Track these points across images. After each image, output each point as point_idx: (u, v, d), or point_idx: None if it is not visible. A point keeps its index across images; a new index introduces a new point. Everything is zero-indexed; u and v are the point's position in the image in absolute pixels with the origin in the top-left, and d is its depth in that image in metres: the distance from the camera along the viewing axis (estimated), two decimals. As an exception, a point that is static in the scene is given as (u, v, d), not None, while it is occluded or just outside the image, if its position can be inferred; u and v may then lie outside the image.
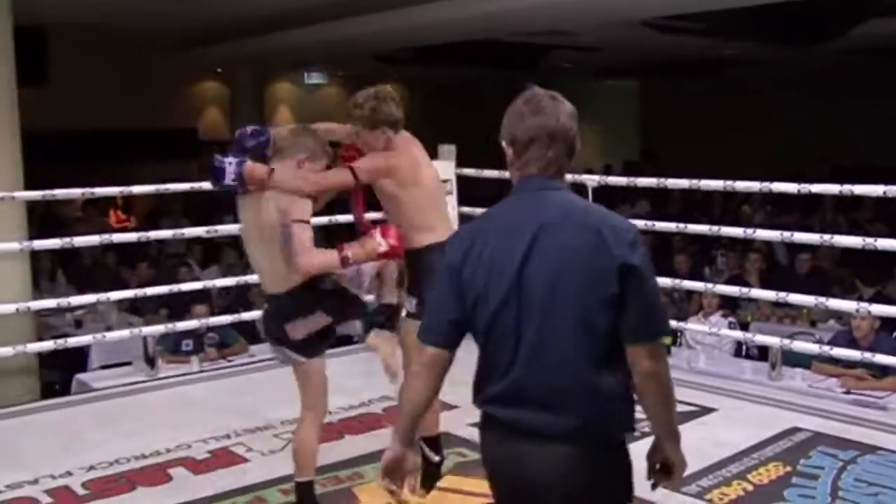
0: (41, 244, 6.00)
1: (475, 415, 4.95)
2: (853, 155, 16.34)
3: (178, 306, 7.39)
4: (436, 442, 4.15)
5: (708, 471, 4.29)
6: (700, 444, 4.67)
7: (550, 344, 2.21)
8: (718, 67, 17.88)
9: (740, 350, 6.89)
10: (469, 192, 6.93)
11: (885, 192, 5.00)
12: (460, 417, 5.04)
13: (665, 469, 2.39)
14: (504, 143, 2.40)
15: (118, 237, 6.44)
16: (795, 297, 5.53)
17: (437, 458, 4.12)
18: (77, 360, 7.11)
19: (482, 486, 4.13)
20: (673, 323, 6.31)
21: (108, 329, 7.11)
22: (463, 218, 6.93)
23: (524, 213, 2.29)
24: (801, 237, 5.69)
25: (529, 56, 15.62)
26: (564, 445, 2.23)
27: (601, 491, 2.28)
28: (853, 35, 12.43)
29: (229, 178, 3.62)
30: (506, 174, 2.25)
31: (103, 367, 6.81)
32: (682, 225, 5.98)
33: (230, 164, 3.63)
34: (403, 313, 3.94)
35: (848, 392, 5.50)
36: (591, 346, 2.20)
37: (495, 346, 2.29)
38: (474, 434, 4.71)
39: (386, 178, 3.78)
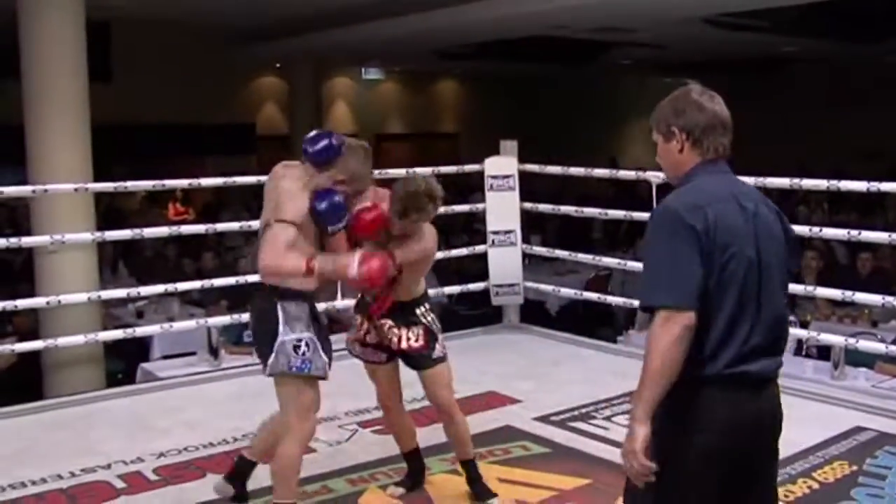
0: (112, 235, 6.15)
1: (538, 409, 5.02)
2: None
3: (237, 298, 7.50)
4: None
5: (772, 469, 4.27)
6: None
7: (776, 302, 2.50)
8: (779, 65, 17.67)
9: (800, 349, 6.83)
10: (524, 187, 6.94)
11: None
12: (524, 412, 5.11)
13: None
14: (675, 130, 2.56)
15: (186, 229, 6.58)
16: (861, 297, 5.49)
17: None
18: (139, 349, 7.26)
19: (547, 478, 4.21)
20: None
21: (170, 320, 7.24)
22: (524, 214, 6.97)
23: (736, 189, 2.54)
24: (868, 236, 5.64)
25: (589, 52, 15.57)
26: (776, 384, 2.59)
27: None
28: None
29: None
30: (570, 170, 2.26)
31: (165, 357, 6.94)
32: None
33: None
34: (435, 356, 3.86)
35: (914, 392, 5.45)
36: (786, 303, 2.60)
37: (741, 308, 2.43)
38: (537, 427, 4.81)
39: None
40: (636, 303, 6.73)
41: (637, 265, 6.80)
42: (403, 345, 3.86)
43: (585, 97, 20.56)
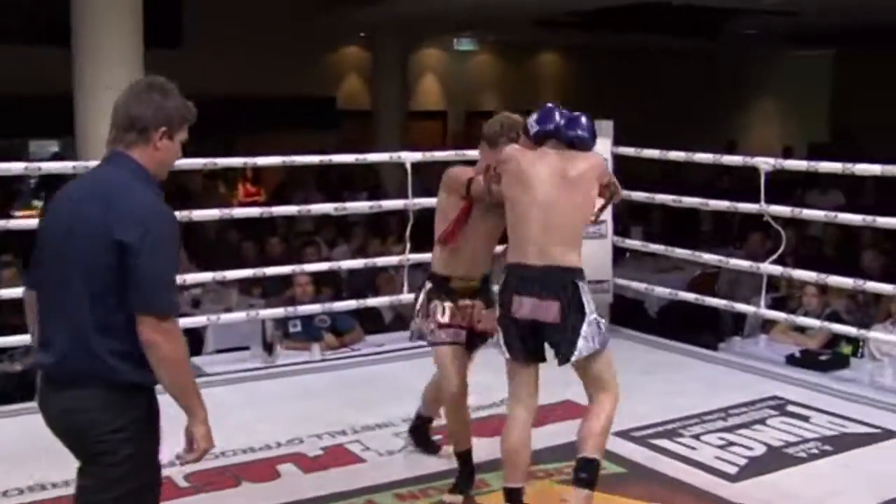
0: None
1: (619, 422, 4.90)
2: None
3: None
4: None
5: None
6: (877, 472, 4.47)
7: (64, 300, 2.79)
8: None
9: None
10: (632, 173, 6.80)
11: None
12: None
13: None
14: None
15: (239, 212, 6.57)
16: None
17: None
18: (193, 342, 7.30)
19: (617, 503, 4.09)
20: (854, 330, 6.07)
21: (228, 310, 7.28)
22: (624, 203, 6.83)
23: (85, 184, 2.95)
24: None
25: (711, 21, 15.23)
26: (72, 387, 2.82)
27: None
28: None
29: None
30: (668, 154, 2.19)
31: (219, 352, 7.00)
32: (870, 218, 5.71)
33: None
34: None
35: None
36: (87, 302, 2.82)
37: (45, 299, 2.87)
38: (615, 444, 4.67)
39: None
40: (741, 306, 6.60)
41: (744, 263, 6.62)
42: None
43: (706, 72, 20.16)
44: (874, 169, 5.63)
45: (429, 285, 4.20)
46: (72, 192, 2.86)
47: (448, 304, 4.14)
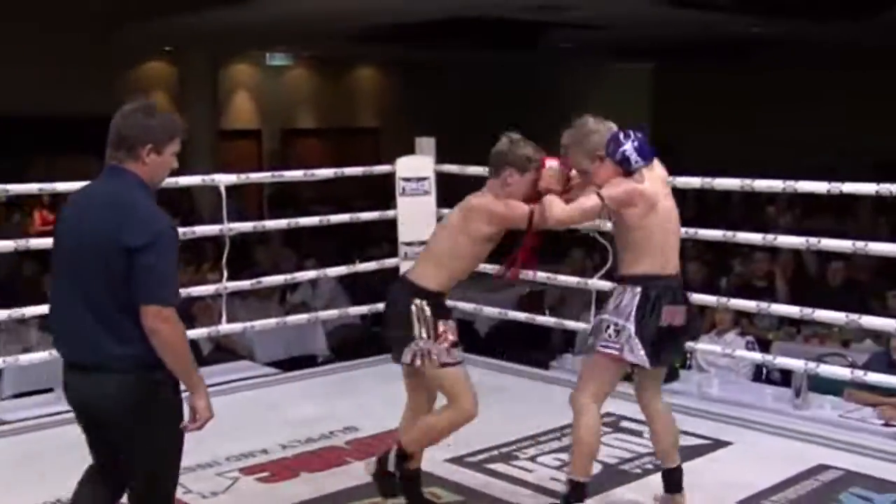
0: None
1: (452, 448, 4.98)
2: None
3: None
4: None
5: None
6: (710, 483, 4.65)
7: (76, 297, 3.30)
8: (746, 48, 17.81)
9: (760, 374, 6.87)
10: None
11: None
12: (435, 452, 4.98)
13: None
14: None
15: (36, 243, 6.26)
16: (823, 314, 5.50)
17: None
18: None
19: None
20: (683, 343, 6.30)
21: (26, 350, 7.04)
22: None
23: (95, 192, 3.42)
24: (830, 244, 5.65)
25: (524, 35, 15.58)
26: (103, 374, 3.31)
27: None
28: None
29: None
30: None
31: (17, 396, 6.80)
32: (692, 230, 5.94)
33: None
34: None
35: (886, 424, 5.49)
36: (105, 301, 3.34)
37: (57, 296, 3.39)
38: (450, 471, 4.76)
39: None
40: (571, 323, 6.76)
41: (572, 280, 6.79)
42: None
43: (529, 86, 20.60)
44: (694, 182, 5.85)
45: (424, 303, 4.13)
46: (79, 202, 3.41)
47: (451, 322, 4.20)
